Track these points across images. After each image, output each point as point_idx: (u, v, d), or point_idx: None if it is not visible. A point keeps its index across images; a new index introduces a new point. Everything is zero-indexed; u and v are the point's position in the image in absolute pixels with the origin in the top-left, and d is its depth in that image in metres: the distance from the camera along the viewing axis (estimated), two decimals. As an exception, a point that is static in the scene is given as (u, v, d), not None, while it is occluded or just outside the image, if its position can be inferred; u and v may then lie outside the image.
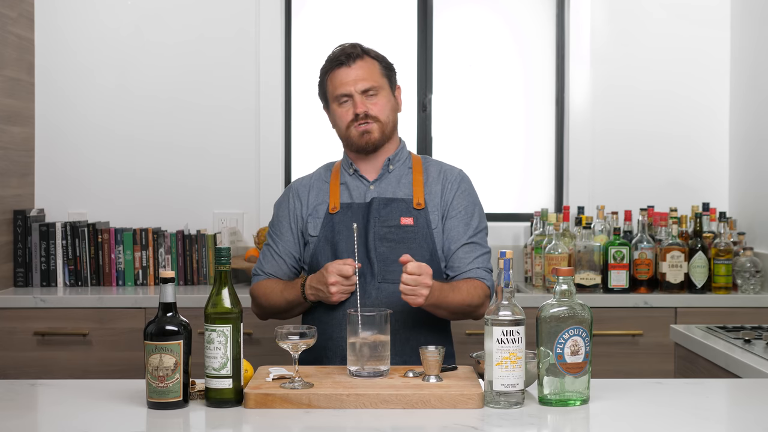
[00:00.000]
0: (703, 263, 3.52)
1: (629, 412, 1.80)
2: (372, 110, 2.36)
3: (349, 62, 2.37)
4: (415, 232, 2.34)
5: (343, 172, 2.46)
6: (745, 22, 3.89)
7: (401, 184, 2.41)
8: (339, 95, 2.37)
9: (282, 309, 2.39)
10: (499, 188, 4.16)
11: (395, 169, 2.44)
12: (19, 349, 3.38)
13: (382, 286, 2.30)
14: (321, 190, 2.44)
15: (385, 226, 2.34)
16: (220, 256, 1.83)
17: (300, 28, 4.11)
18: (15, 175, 3.73)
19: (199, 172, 3.96)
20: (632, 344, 3.42)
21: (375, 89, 2.37)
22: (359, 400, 1.79)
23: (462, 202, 2.40)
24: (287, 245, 2.44)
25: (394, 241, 2.33)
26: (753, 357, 2.27)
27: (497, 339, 1.76)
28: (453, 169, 2.46)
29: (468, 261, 2.36)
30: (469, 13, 4.16)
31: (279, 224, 2.47)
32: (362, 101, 2.36)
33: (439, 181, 2.42)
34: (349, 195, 2.41)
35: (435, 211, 2.38)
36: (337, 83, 2.37)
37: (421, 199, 2.38)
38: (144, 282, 3.73)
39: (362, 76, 2.36)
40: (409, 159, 2.47)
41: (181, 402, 1.78)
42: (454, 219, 2.38)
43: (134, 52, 3.95)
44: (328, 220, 2.38)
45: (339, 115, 2.39)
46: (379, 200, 2.37)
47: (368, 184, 2.42)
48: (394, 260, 2.30)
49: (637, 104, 4.03)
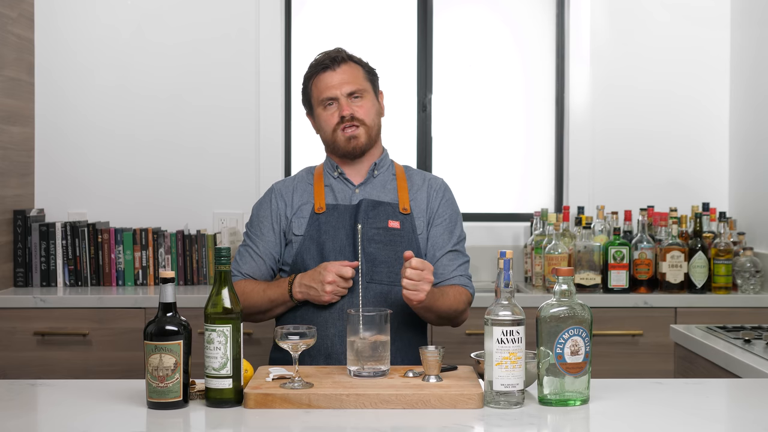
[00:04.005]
0: (703, 263, 3.52)
1: (629, 412, 1.80)
2: (358, 113, 2.38)
3: (334, 66, 2.38)
4: (401, 235, 2.36)
5: (327, 175, 2.46)
6: (745, 22, 3.89)
7: (386, 190, 2.43)
8: (325, 98, 2.38)
9: (263, 309, 2.35)
10: (499, 188, 4.16)
11: (380, 175, 2.45)
12: (19, 349, 3.38)
13: (369, 286, 2.31)
14: (305, 191, 2.44)
15: (373, 228, 2.35)
16: (220, 256, 1.83)
17: (300, 28, 4.12)
18: (15, 175, 3.73)
19: (199, 172, 3.96)
20: (632, 344, 3.42)
21: (360, 92, 2.39)
22: (359, 400, 1.79)
23: (447, 210, 2.44)
24: (268, 245, 2.42)
25: (381, 243, 2.34)
26: (753, 357, 2.27)
27: (497, 339, 1.76)
28: (436, 179, 2.50)
29: (452, 268, 2.40)
30: (469, 13, 4.16)
31: (260, 224, 2.44)
32: (348, 104, 2.37)
33: (424, 189, 2.45)
34: (334, 197, 2.42)
35: (421, 217, 2.41)
36: (323, 87, 2.38)
37: (407, 204, 2.40)
38: (144, 282, 3.73)
39: (347, 80, 2.38)
40: (392, 166, 2.50)
41: (181, 402, 1.78)
42: (439, 227, 2.42)
43: (134, 52, 3.95)
44: (314, 219, 2.37)
45: (324, 118, 2.40)
46: (367, 202, 2.38)
47: (354, 187, 2.43)
48: (381, 261, 2.32)
49: (637, 104, 4.03)
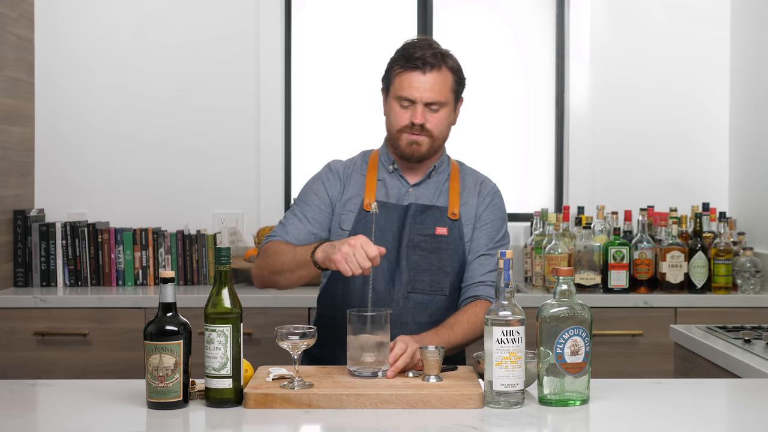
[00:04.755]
0: (703, 263, 3.52)
1: (629, 412, 1.80)
2: (429, 123, 2.29)
3: (425, 69, 2.27)
4: (448, 242, 2.31)
5: (382, 167, 2.39)
6: (745, 22, 3.89)
7: (439, 192, 2.37)
8: (402, 97, 2.28)
9: (286, 268, 2.18)
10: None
11: (436, 176, 2.40)
12: (19, 349, 3.38)
13: (411, 296, 2.26)
14: (357, 182, 2.37)
15: (420, 234, 2.29)
16: (220, 256, 1.83)
17: (300, 28, 4.11)
18: (15, 175, 3.73)
19: (199, 172, 3.96)
20: (632, 344, 3.42)
21: (439, 104, 2.29)
22: (359, 400, 1.79)
23: (491, 215, 2.38)
24: (317, 214, 2.32)
25: (427, 250, 2.29)
26: (753, 357, 2.27)
27: (497, 339, 1.76)
28: (488, 183, 2.44)
29: (480, 273, 2.32)
30: (469, 13, 4.16)
31: (312, 194, 2.34)
32: (423, 113, 2.27)
33: (475, 194, 2.39)
34: (386, 193, 2.35)
35: (468, 223, 2.35)
36: (405, 85, 2.28)
37: (456, 209, 2.34)
38: (144, 282, 3.73)
39: (432, 89, 2.27)
40: (448, 165, 2.43)
41: (181, 402, 1.78)
42: (480, 230, 2.35)
43: (134, 52, 3.95)
44: (362, 216, 2.31)
45: (395, 114, 2.30)
46: (416, 206, 2.32)
47: (408, 186, 2.37)
48: (425, 269, 2.27)
49: (637, 104, 4.03)
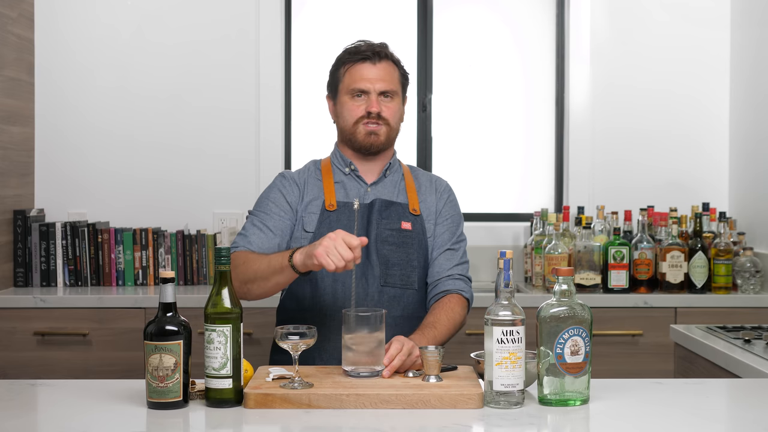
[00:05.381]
0: (703, 263, 3.52)
1: (629, 412, 1.80)
2: (385, 112, 2.34)
3: (375, 60, 2.34)
4: (413, 237, 2.35)
5: (337, 170, 2.41)
6: (745, 22, 3.89)
7: (397, 190, 2.41)
8: (356, 89, 2.33)
9: (259, 275, 2.14)
10: (499, 188, 4.16)
11: (391, 175, 2.44)
12: (19, 349, 3.38)
13: (384, 290, 2.29)
14: (314, 186, 2.39)
15: (387, 229, 2.33)
16: (220, 256, 1.83)
17: (300, 28, 4.11)
18: (15, 175, 3.73)
19: (199, 172, 3.96)
20: (632, 344, 3.42)
21: (392, 93, 2.35)
22: (359, 400, 1.79)
23: (450, 211, 2.44)
24: (277, 221, 2.30)
25: (395, 245, 2.32)
26: (753, 357, 2.27)
27: (497, 339, 1.76)
28: (441, 180, 2.50)
29: (448, 267, 2.37)
30: (469, 13, 4.16)
31: (269, 203, 2.33)
32: (378, 101, 2.33)
33: (432, 191, 2.44)
34: (345, 194, 2.38)
35: (429, 219, 2.40)
36: (357, 77, 2.34)
37: (416, 205, 2.39)
38: (144, 282, 3.73)
39: (384, 77, 2.34)
40: (400, 166, 2.48)
41: (181, 402, 1.78)
42: (441, 226, 2.41)
43: (134, 52, 3.95)
44: (325, 216, 2.32)
45: (349, 108, 2.35)
46: (381, 201, 2.36)
47: (366, 186, 2.40)
48: (394, 263, 2.30)
49: (637, 104, 4.03)
